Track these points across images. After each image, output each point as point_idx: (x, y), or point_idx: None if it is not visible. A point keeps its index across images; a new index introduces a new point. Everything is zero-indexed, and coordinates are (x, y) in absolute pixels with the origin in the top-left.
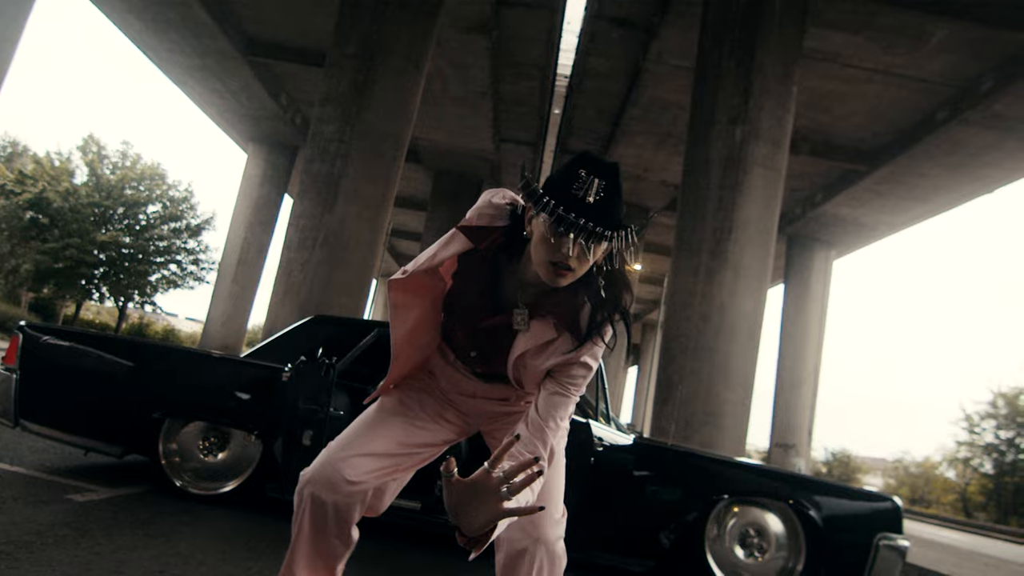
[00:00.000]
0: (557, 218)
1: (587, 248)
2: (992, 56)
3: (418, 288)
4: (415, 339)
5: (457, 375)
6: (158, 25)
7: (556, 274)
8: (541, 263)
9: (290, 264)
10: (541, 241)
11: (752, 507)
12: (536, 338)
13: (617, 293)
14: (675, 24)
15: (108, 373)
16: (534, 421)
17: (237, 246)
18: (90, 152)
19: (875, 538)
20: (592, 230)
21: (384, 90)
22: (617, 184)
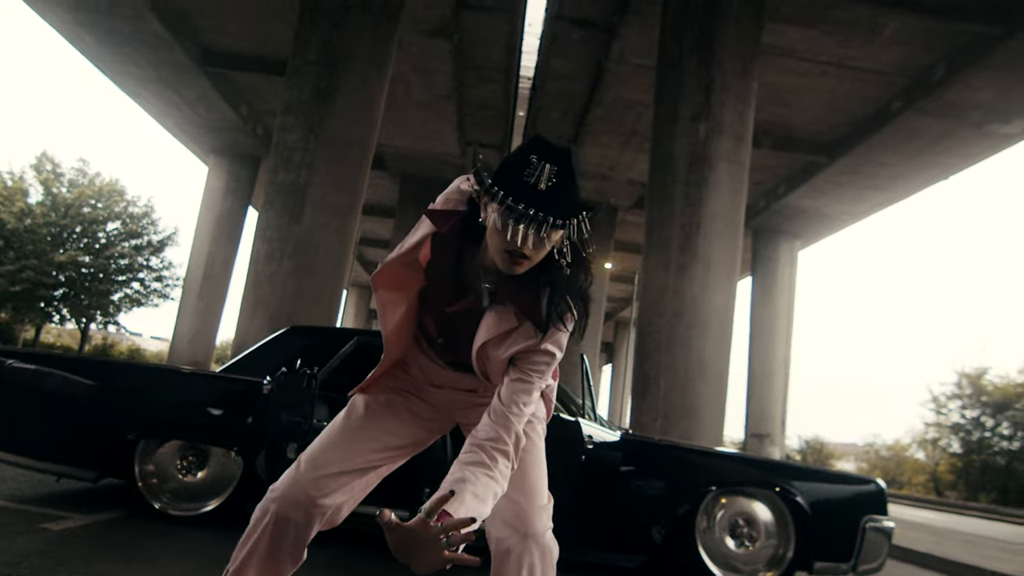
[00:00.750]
0: (507, 207)
1: (540, 237)
2: (943, 46)
3: (402, 283)
4: (403, 333)
5: (430, 364)
6: (111, 38)
7: (511, 262)
8: (496, 251)
9: (258, 277)
10: (495, 230)
11: (740, 497)
12: (497, 327)
13: (575, 278)
14: (635, 23)
15: (77, 395)
16: (496, 409)
17: (202, 261)
18: (44, 170)
19: (862, 521)
20: (543, 219)
21: (347, 96)
22: (570, 168)
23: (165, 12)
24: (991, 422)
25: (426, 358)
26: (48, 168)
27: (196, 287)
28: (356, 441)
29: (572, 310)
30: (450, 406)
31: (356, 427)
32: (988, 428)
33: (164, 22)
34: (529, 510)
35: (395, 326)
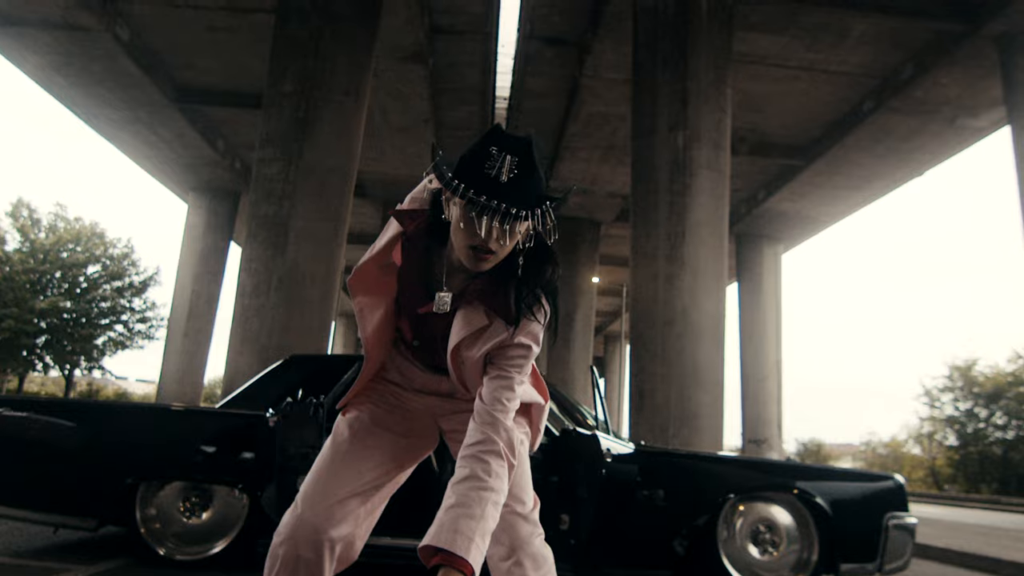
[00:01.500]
0: (469, 201)
1: (504, 230)
2: (909, 46)
3: (379, 286)
4: (383, 338)
5: (409, 366)
6: (83, 80)
7: (477, 259)
8: (462, 248)
9: (246, 311)
10: (459, 225)
11: (758, 503)
12: (468, 326)
13: (542, 271)
14: (607, 38)
15: (71, 440)
16: (480, 410)
17: (186, 299)
18: (21, 217)
19: (884, 519)
20: (507, 211)
21: (325, 125)
22: (531, 158)
23: (138, 52)
24: (984, 412)
25: (404, 360)
26: (25, 214)
27: (181, 326)
28: (348, 464)
29: (541, 302)
30: (432, 412)
31: (345, 450)
32: (982, 419)
33: (137, 61)
34: (512, 521)
35: (374, 330)
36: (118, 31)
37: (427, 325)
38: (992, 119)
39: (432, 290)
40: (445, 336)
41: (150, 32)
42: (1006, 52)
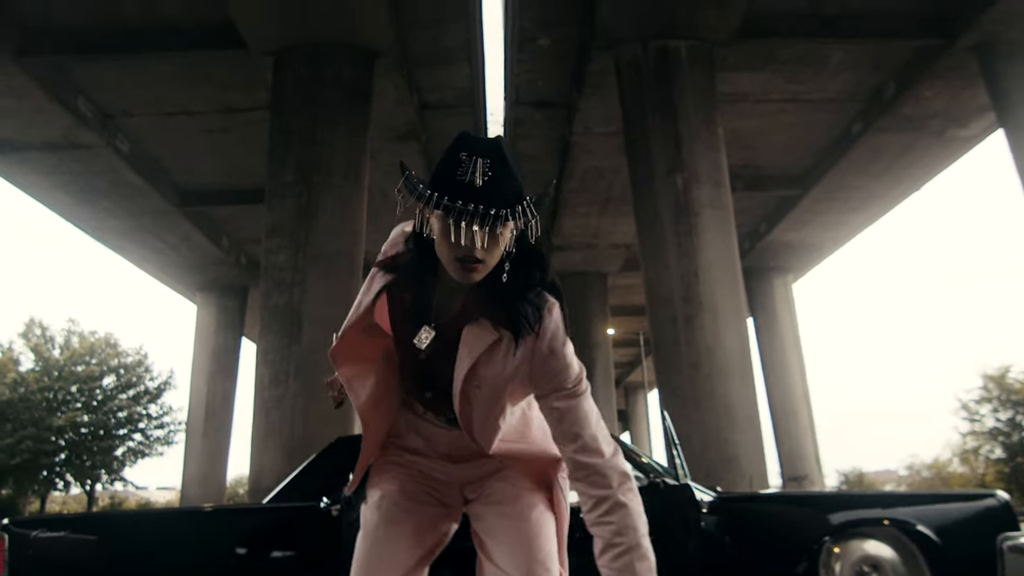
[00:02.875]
0: (445, 209)
1: (487, 233)
2: (889, 65)
3: (364, 352)
4: (380, 405)
5: (429, 427)
6: (88, 196)
7: (466, 270)
8: (449, 262)
9: (266, 404)
10: (442, 239)
11: (855, 540)
12: (479, 343)
13: (528, 271)
14: (593, 95)
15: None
16: (576, 465)
17: (202, 400)
18: (33, 336)
19: (997, 540)
20: (487, 213)
21: (328, 210)
22: (503, 158)
23: (139, 162)
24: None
25: (422, 421)
26: (37, 333)
27: (200, 428)
28: (385, 554)
29: (546, 299)
30: (459, 479)
31: (379, 537)
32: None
33: (139, 172)
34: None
35: (369, 397)
36: (118, 145)
37: (435, 369)
38: (981, 127)
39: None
40: (445, 375)
41: (149, 142)
42: (986, 61)
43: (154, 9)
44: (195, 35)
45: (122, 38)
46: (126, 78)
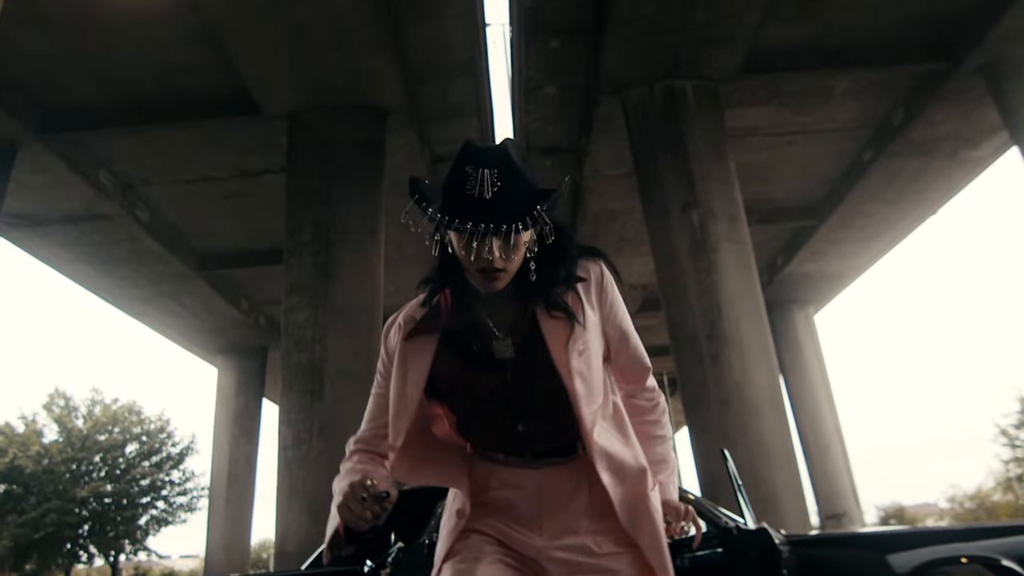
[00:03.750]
0: (456, 230)
1: (505, 245)
2: (895, 92)
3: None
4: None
5: (514, 472)
6: (108, 265)
7: (488, 280)
8: (473, 275)
9: (289, 464)
10: (462, 256)
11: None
12: (557, 323)
13: (557, 266)
14: (601, 139)
15: None
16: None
17: (224, 464)
18: (56, 407)
19: None
20: (497, 228)
21: (347, 266)
22: (511, 166)
23: (158, 229)
24: None
25: (507, 468)
26: (61, 404)
27: (223, 492)
28: None
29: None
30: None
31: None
32: None
33: (158, 239)
34: None
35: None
36: (138, 213)
37: (520, 389)
38: (993, 146)
39: (491, 355)
40: (547, 387)
41: (168, 209)
42: (993, 80)
43: (170, 83)
44: (210, 104)
45: (140, 111)
46: (145, 149)
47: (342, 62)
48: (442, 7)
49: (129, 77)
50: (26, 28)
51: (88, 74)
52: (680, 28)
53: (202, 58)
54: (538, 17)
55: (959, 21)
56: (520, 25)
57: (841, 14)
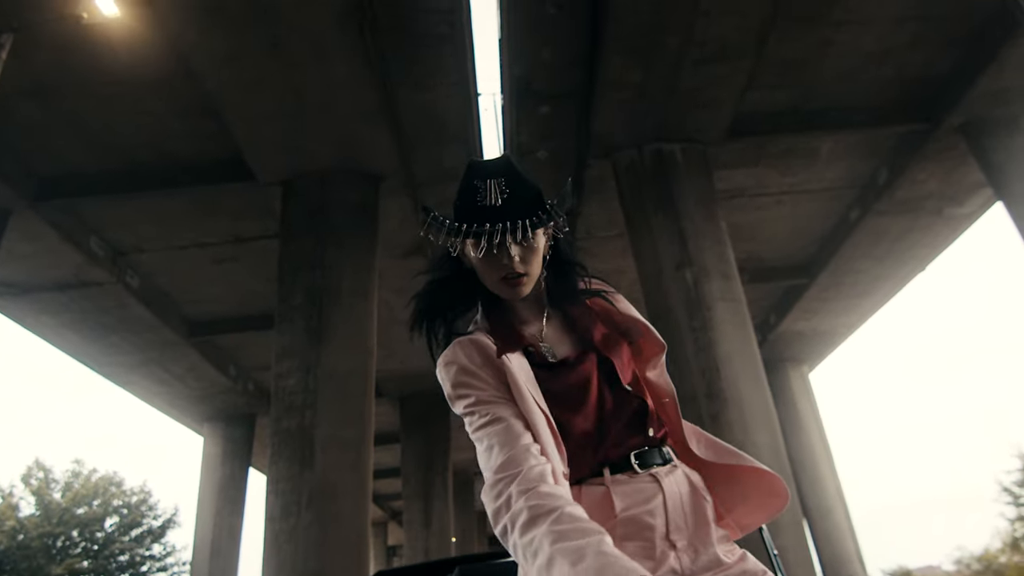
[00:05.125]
0: (476, 235)
1: (523, 245)
2: (879, 152)
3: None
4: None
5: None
6: (96, 333)
7: (511, 286)
8: (494, 284)
9: (276, 536)
10: (483, 265)
11: None
12: (608, 334)
13: (571, 270)
14: (593, 201)
15: None
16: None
17: (208, 538)
18: (35, 479)
19: None
20: (514, 227)
21: (339, 330)
22: (516, 174)
23: (148, 296)
24: None
25: (622, 485)
26: (39, 476)
27: (205, 568)
28: None
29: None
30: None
31: None
32: None
33: (148, 306)
34: None
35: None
36: (128, 280)
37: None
38: (977, 203)
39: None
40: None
41: (159, 275)
42: (973, 139)
43: (165, 150)
44: (204, 170)
45: (133, 178)
46: (137, 215)
47: (337, 129)
48: (434, 78)
49: (123, 144)
50: (22, 96)
51: (83, 141)
52: (668, 93)
53: (197, 125)
54: (529, 85)
55: (936, 83)
56: (511, 93)
57: (822, 78)
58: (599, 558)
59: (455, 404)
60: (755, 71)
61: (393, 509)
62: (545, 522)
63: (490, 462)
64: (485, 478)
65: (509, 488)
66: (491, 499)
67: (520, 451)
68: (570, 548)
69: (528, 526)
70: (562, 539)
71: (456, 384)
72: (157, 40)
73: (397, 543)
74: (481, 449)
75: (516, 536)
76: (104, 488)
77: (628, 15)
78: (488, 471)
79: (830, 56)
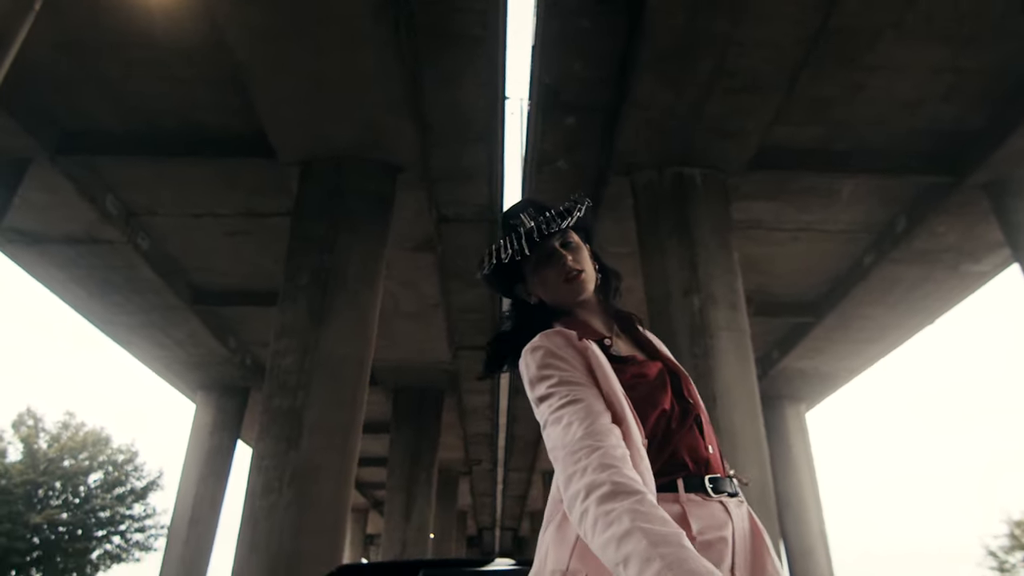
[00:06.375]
0: (529, 243)
1: (568, 247)
2: (899, 199)
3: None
4: None
5: (709, 514)
6: (102, 289)
7: (573, 284)
8: (558, 288)
9: (255, 513)
10: (543, 281)
11: None
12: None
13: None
14: (608, 217)
15: None
16: None
17: (188, 504)
18: (25, 427)
19: None
20: (553, 216)
21: (341, 315)
22: (537, 203)
23: (157, 260)
24: None
25: (698, 505)
26: (30, 424)
27: (182, 533)
28: None
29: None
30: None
31: None
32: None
33: (156, 269)
34: None
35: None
36: (139, 242)
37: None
38: (994, 262)
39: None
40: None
41: (170, 240)
42: (996, 198)
43: (189, 117)
44: (226, 143)
45: (156, 142)
46: (156, 179)
47: (361, 116)
48: (465, 76)
49: (149, 108)
50: (53, 49)
51: (109, 100)
52: (695, 117)
53: (224, 98)
54: (558, 94)
55: (965, 137)
56: (539, 100)
57: (851, 120)
58: (680, 550)
59: (536, 386)
60: (784, 106)
61: (376, 498)
62: (628, 500)
63: (568, 436)
64: (558, 457)
65: (590, 458)
66: (568, 464)
67: (602, 427)
68: (653, 530)
69: (609, 498)
70: (645, 520)
71: (542, 366)
72: (193, 7)
73: (376, 532)
74: (559, 428)
75: (592, 503)
76: (92, 443)
77: (663, 36)
78: (565, 446)
79: (862, 99)
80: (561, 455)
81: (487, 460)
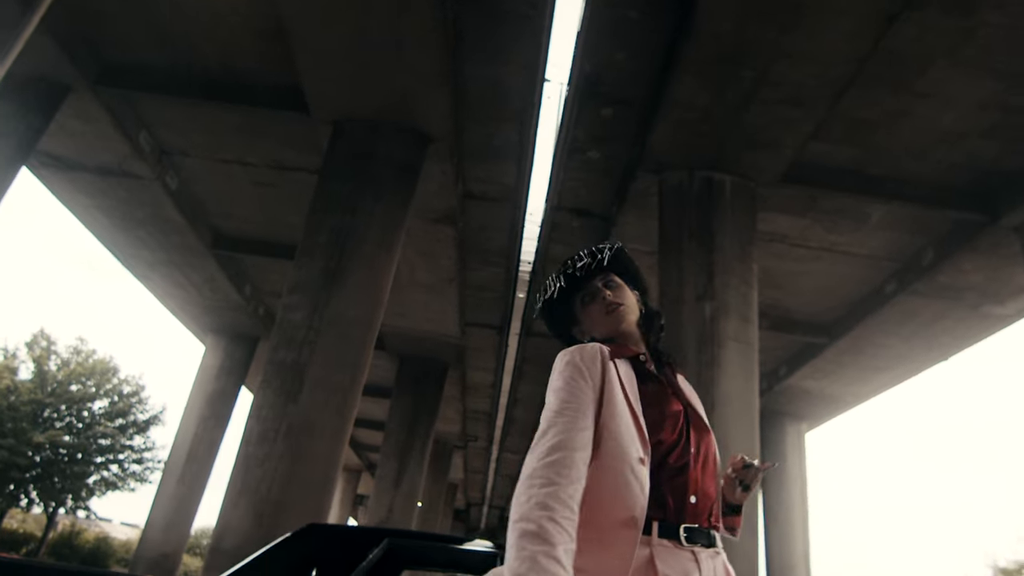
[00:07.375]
0: (574, 283)
1: (611, 287)
2: (929, 231)
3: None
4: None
5: (680, 562)
6: (127, 223)
7: (614, 317)
8: (602, 320)
9: (248, 460)
10: (590, 311)
11: None
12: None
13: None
14: (631, 212)
15: None
16: None
17: (187, 442)
18: (39, 347)
19: None
20: (595, 257)
21: (356, 276)
22: (577, 250)
23: (183, 200)
24: None
25: (681, 558)
26: (43, 345)
27: (178, 470)
28: None
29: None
30: None
31: None
32: None
33: (181, 209)
34: None
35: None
36: (167, 180)
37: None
38: (1018, 307)
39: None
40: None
41: (197, 183)
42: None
43: (230, 63)
44: (263, 93)
45: (196, 84)
46: (191, 121)
47: (398, 81)
48: (508, 53)
49: (192, 49)
50: None
51: (154, 37)
52: (731, 124)
53: (266, 48)
54: (597, 84)
55: (1003, 176)
56: (577, 88)
57: (890, 146)
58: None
59: (551, 391)
60: (824, 123)
61: (370, 460)
62: (540, 547)
63: (538, 455)
64: (528, 465)
65: (541, 490)
66: (525, 482)
67: (570, 461)
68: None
69: (528, 537)
70: (540, 572)
71: (564, 378)
72: None
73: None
74: (541, 441)
75: (516, 531)
76: (100, 371)
77: (710, 39)
78: (534, 462)
79: (904, 126)
80: (528, 470)
81: (483, 437)
